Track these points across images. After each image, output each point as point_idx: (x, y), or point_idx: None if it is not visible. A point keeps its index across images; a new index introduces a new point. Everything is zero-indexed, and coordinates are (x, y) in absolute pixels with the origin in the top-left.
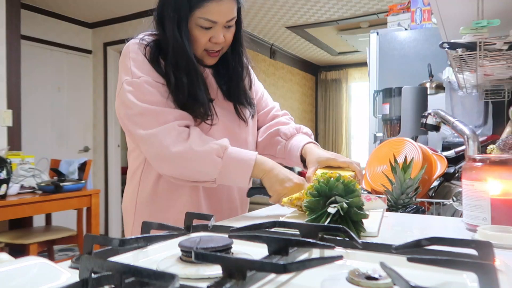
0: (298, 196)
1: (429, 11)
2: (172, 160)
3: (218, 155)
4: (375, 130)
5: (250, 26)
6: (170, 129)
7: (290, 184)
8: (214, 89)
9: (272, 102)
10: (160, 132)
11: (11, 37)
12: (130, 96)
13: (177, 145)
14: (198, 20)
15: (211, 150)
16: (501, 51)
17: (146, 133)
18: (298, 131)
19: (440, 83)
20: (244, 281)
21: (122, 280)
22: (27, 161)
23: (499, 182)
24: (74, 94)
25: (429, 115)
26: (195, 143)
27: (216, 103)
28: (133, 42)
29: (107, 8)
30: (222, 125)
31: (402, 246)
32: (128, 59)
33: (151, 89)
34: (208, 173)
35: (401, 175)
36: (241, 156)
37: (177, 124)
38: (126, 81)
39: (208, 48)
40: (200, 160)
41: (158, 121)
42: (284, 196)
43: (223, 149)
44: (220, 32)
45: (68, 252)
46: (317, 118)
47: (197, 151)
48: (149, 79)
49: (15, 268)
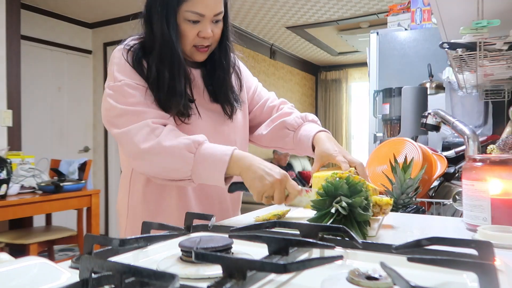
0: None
1: (429, 11)
2: (142, 157)
3: (189, 151)
4: (375, 130)
5: (250, 26)
6: (143, 126)
7: (270, 181)
8: (201, 89)
9: (266, 94)
10: (132, 129)
11: (11, 37)
12: (110, 100)
13: (147, 142)
14: (185, 13)
15: (181, 145)
16: (501, 51)
17: (120, 132)
18: (304, 120)
19: (440, 83)
20: (244, 281)
21: (122, 280)
22: (27, 161)
23: (499, 182)
24: (74, 94)
25: (429, 115)
26: (165, 138)
27: (202, 104)
28: (118, 48)
29: (107, 8)
30: (206, 125)
31: (402, 246)
32: (112, 65)
33: (132, 91)
34: (180, 170)
35: (401, 175)
36: (215, 151)
37: (151, 121)
38: (108, 85)
39: (197, 44)
40: (170, 156)
41: (136, 121)
42: (265, 194)
43: (196, 144)
44: (208, 26)
45: (68, 252)
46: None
47: (166, 146)
48: (130, 82)
49: (15, 268)
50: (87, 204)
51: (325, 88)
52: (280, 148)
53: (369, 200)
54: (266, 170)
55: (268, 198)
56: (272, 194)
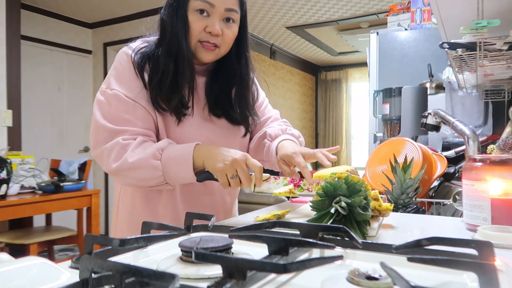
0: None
1: (429, 11)
2: (117, 173)
3: (155, 158)
4: (375, 130)
5: (250, 26)
6: (114, 145)
7: (228, 160)
8: (201, 99)
9: (270, 111)
10: (104, 149)
11: (11, 37)
12: (96, 107)
13: (116, 160)
14: (194, 3)
15: (147, 156)
16: (501, 51)
17: (95, 154)
18: (283, 132)
19: (440, 83)
20: (244, 281)
21: (122, 280)
22: (27, 161)
23: (499, 182)
24: (74, 94)
25: (429, 115)
26: (131, 154)
27: (201, 115)
28: (124, 50)
29: (107, 8)
30: (205, 140)
31: (402, 246)
32: (113, 68)
33: (118, 103)
34: (152, 179)
35: (401, 175)
36: (179, 152)
37: (121, 139)
38: (101, 89)
39: (203, 39)
40: (139, 169)
41: (109, 138)
42: (229, 176)
43: (160, 150)
44: (216, 22)
45: (68, 252)
46: (317, 118)
47: (132, 162)
48: (120, 94)
49: (15, 268)
50: (87, 204)
51: (325, 88)
52: (262, 162)
53: (368, 200)
54: (225, 153)
55: (234, 179)
56: (236, 174)
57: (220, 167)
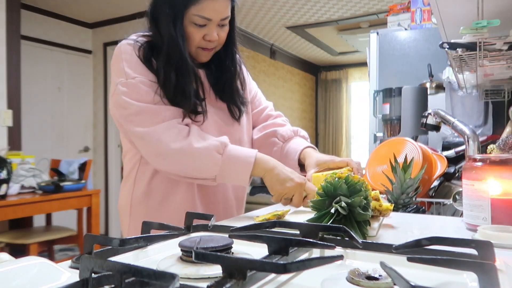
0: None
1: (429, 11)
2: (171, 156)
3: (218, 152)
4: (375, 130)
5: (250, 26)
6: (170, 127)
7: (291, 184)
8: (207, 89)
9: (265, 101)
10: (159, 129)
11: (11, 37)
12: (125, 97)
13: (177, 142)
14: (192, 17)
15: (211, 147)
16: (501, 51)
17: (144, 130)
18: (295, 134)
19: (440, 83)
20: (244, 281)
21: (122, 280)
22: (27, 161)
23: (499, 182)
24: (74, 94)
25: (429, 115)
26: (195, 139)
27: (209, 102)
28: (125, 43)
29: (107, 8)
30: (214, 124)
31: (402, 246)
32: (121, 61)
33: (147, 88)
34: (208, 170)
35: (401, 175)
36: (241, 153)
37: (176, 122)
38: (120, 82)
39: (202, 46)
40: (200, 156)
41: (156, 119)
42: (285, 196)
43: (223, 146)
44: (214, 30)
45: (68, 252)
46: (317, 118)
47: (197, 148)
48: (144, 79)
49: (15, 268)
50: (87, 204)
51: (325, 88)
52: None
53: (368, 200)
54: (288, 174)
55: (286, 200)
56: (291, 197)
57: (281, 189)
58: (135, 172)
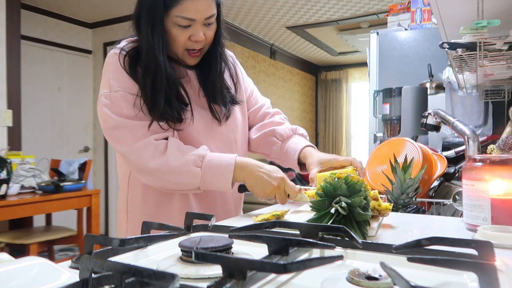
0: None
1: (429, 11)
2: (152, 175)
3: (196, 165)
4: (375, 130)
5: (250, 26)
6: (147, 144)
7: (270, 187)
8: (196, 90)
9: (262, 99)
10: (136, 148)
11: (11, 37)
12: (105, 110)
13: (154, 160)
14: (175, 19)
15: (189, 162)
16: (501, 51)
17: (124, 149)
18: (294, 133)
19: (440, 83)
20: (244, 281)
21: (122, 280)
22: (27, 161)
23: (499, 182)
24: (74, 94)
25: (429, 115)
26: (172, 156)
27: (199, 104)
28: (112, 52)
29: (107, 8)
30: (204, 126)
31: (402, 246)
32: (107, 72)
33: (127, 103)
34: (189, 184)
35: (401, 175)
36: (220, 162)
37: (153, 138)
38: (104, 94)
39: (189, 47)
40: (180, 173)
41: (134, 136)
42: (267, 197)
43: (201, 158)
44: (200, 30)
45: (68, 252)
46: (317, 118)
47: (174, 166)
48: (126, 93)
49: (15, 268)
50: (87, 204)
51: (325, 88)
52: (265, 156)
53: (368, 200)
54: (265, 177)
55: (270, 199)
56: (274, 197)
57: (262, 193)
58: (127, 177)
